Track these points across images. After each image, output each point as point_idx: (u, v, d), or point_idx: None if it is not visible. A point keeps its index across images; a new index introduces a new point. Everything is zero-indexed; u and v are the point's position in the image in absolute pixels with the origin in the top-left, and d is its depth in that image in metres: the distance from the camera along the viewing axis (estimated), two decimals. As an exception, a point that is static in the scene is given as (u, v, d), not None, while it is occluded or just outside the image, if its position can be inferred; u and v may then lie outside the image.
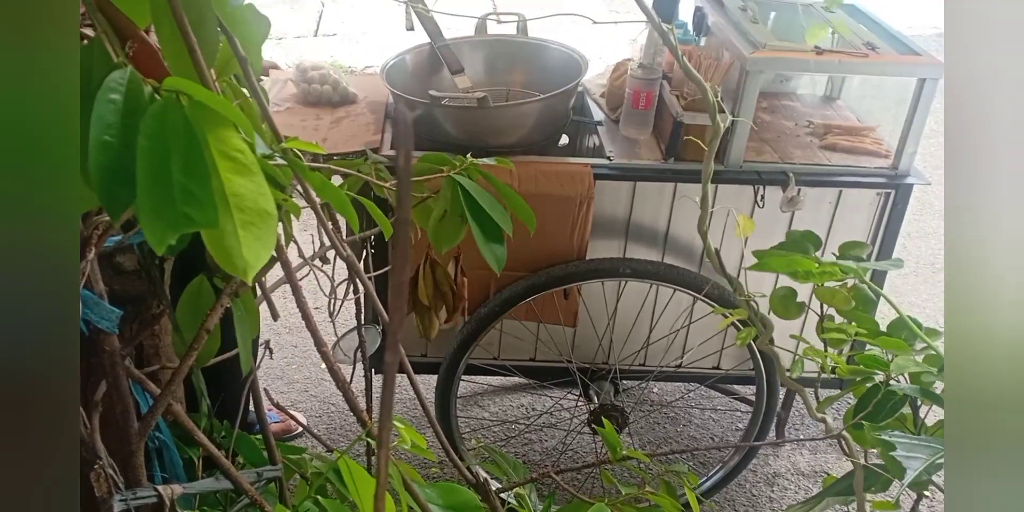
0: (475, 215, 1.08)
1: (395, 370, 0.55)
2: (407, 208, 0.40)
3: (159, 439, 1.07)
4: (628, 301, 2.14)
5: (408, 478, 1.04)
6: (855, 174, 2.02)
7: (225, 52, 0.87)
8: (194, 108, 0.68)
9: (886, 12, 2.20)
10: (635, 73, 2.02)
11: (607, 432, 1.42)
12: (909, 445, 1.14)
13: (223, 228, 0.71)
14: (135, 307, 1.07)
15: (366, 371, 1.87)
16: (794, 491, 2.41)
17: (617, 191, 2.01)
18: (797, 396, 2.41)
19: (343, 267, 1.16)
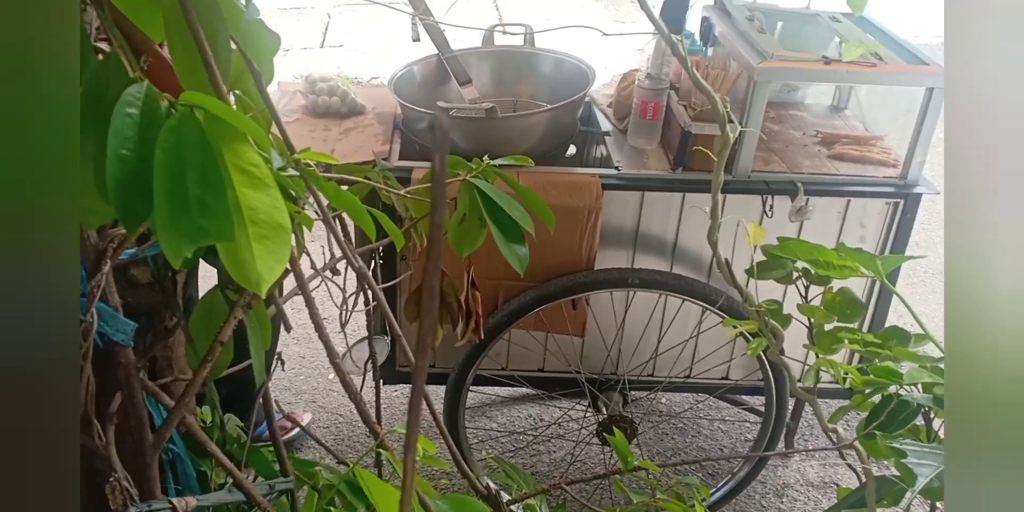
0: (494, 217, 1.08)
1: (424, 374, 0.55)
2: (442, 213, 0.40)
3: (173, 451, 1.07)
4: (637, 311, 2.13)
5: (419, 490, 1.03)
6: (864, 184, 2.02)
7: (237, 65, 0.87)
8: (210, 122, 0.69)
9: (893, 21, 2.21)
10: (643, 83, 2.02)
11: (618, 441, 1.42)
12: (920, 453, 1.14)
13: (237, 241, 0.71)
14: (149, 319, 1.07)
15: (376, 382, 1.87)
16: (804, 502, 2.40)
17: (625, 201, 2.01)
18: (807, 406, 2.41)
19: (352, 277, 1.16)
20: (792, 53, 1.93)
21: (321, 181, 0.91)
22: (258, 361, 0.99)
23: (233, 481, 1.00)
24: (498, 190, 1.09)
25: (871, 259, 1.38)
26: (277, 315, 1.05)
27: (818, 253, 1.39)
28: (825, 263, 1.39)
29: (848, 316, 1.46)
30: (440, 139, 0.35)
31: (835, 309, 1.46)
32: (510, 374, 2.23)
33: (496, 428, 2.61)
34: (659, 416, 2.65)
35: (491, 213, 1.09)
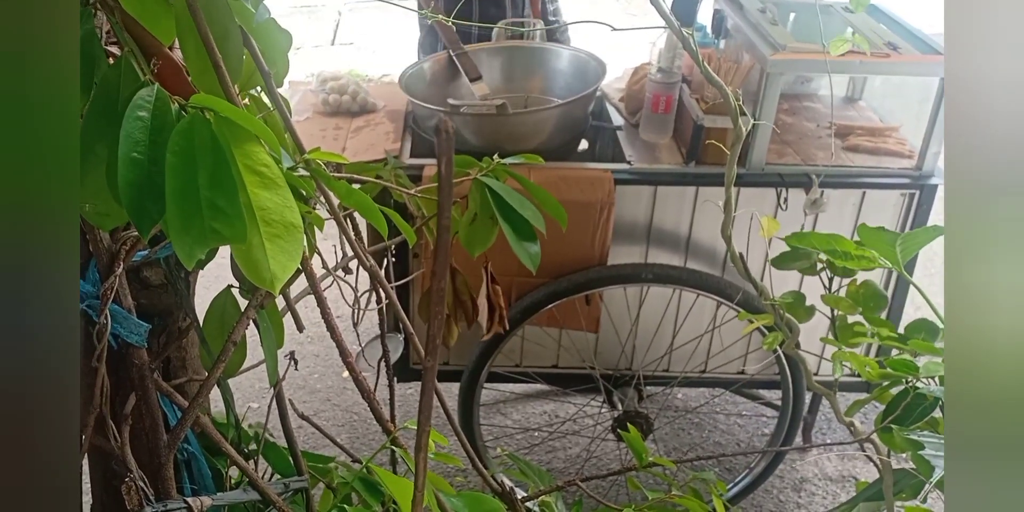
0: (505, 215, 1.08)
1: (434, 373, 0.55)
2: (449, 215, 0.40)
3: (188, 451, 1.08)
4: (651, 306, 2.13)
5: (434, 487, 1.03)
6: (878, 175, 2.00)
7: (248, 66, 0.87)
8: (220, 124, 0.69)
9: (907, 11, 2.18)
10: (654, 77, 2.01)
11: (632, 437, 1.42)
12: (937, 444, 1.13)
13: (250, 241, 0.71)
14: (162, 321, 1.07)
15: (389, 380, 1.87)
16: (822, 497, 2.39)
17: (638, 196, 2.00)
18: (823, 400, 2.40)
19: (365, 275, 1.16)
20: (805, 45, 1.91)
21: (332, 180, 0.91)
22: (271, 360, 0.99)
23: (248, 480, 1.01)
24: (509, 189, 1.09)
25: (893, 238, 1.36)
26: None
27: (835, 243, 1.37)
28: (843, 254, 1.38)
29: (872, 308, 1.45)
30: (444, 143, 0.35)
31: (859, 301, 1.45)
32: (524, 371, 2.22)
33: (511, 425, 2.61)
34: (675, 411, 2.65)
35: (502, 212, 1.08)
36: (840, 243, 1.37)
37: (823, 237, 1.39)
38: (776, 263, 1.48)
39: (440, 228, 0.37)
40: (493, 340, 2.04)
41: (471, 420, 2.16)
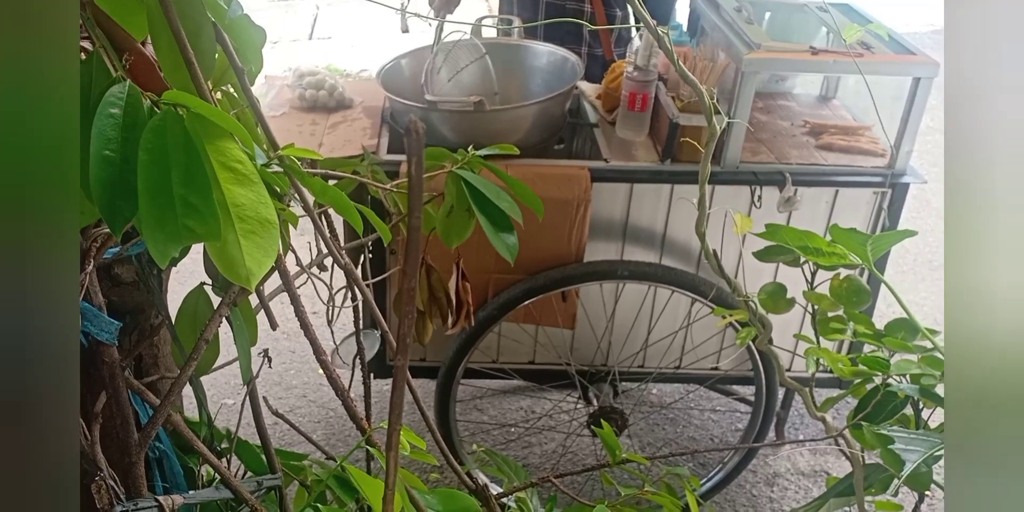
0: (482, 207, 1.08)
1: (405, 372, 0.55)
2: (419, 215, 0.40)
3: (159, 449, 1.07)
4: (626, 303, 2.14)
5: (408, 484, 1.04)
6: (851, 173, 2.02)
7: (222, 62, 0.87)
8: (193, 121, 0.68)
9: (880, 11, 2.20)
10: (631, 75, 2.02)
11: (606, 434, 1.42)
12: (907, 439, 1.15)
13: (225, 238, 0.71)
14: (134, 318, 1.07)
15: (364, 377, 1.87)
16: (794, 491, 2.42)
17: (614, 193, 2.01)
18: (796, 396, 2.42)
19: (341, 272, 1.15)
20: (780, 44, 1.93)
21: (306, 177, 0.91)
22: (244, 358, 0.99)
23: (220, 478, 1.00)
24: (484, 180, 1.09)
25: (864, 239, 1.37)
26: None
27: (807, 239, 1.39)
28: (815, 250, 1.40)
29: (854, 303, 1.46)
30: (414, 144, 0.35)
31: (842, 296, 1.46)
32: (501, 367, 2.23)
33: (487, 421, 2.61)
34: (650, 407, 2.66)
35: (478, 203, 1.09)
36: (812, 240, 1.39)
37: (797, 233, 1.40)
38: (761, 256, 1.49)
39: (410, 228, 0.37)
40: (470, 336, 2.04)
41: (447, 416, 2.16)
